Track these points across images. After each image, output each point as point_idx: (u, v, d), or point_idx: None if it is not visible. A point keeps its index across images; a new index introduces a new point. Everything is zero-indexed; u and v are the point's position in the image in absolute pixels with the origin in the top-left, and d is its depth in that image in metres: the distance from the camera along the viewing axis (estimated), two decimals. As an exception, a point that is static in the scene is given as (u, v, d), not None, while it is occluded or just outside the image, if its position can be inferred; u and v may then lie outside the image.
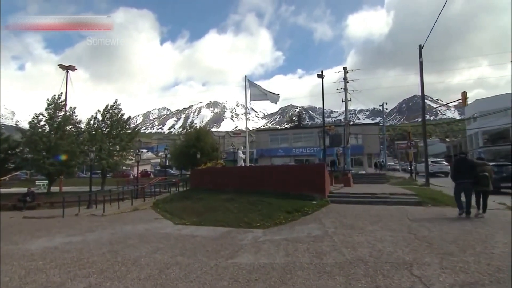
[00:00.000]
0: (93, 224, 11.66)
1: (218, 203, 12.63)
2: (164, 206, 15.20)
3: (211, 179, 16.27)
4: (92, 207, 16.49)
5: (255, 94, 21.59)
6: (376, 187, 19.42)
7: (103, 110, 24.39)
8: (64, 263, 6.25)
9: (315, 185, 11.76)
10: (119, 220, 12.45)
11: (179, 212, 12.91)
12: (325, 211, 10.70)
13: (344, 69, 35.28)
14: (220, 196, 13.46)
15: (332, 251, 6.15)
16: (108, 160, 22.90)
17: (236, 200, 12.38)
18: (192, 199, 14.55)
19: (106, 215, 13.94)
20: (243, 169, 15.57)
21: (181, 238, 8.44)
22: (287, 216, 10.33)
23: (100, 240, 8.46)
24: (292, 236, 7.86)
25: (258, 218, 10.45)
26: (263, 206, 11.31)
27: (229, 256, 6.43)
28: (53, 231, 10.22)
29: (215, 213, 11.48)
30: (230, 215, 11.04)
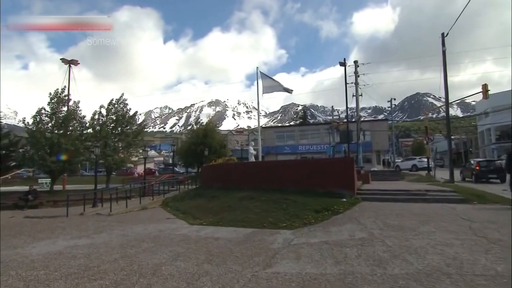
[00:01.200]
0: (100, 224, 10.66)
1: (236, 201, 11.58)
2: (175, 204, 14.20)
3: (224, 176, 15.23)
4: (98, 205, 15.51)
5: (267, 86, 20.57)
6: (397, 184, 18.35)
7: (108, 105, 23.37)
8: (70, 272, 5.23)
9: (343, 181, 10.69)
10: (127, 220, 11.44)
11: (192, 211, 11.90)
12: (358, 209, 9.62)
13: (354, 63, 34.07)
14: (236, 194, 12.42)
15: (393, 258, 5.08)
16: (113, 156, 21.88)
17: (256, 198, 11.33)
18: (205, 197, 13.52)
19: (113, 214, 12.96)
20: (261, 164, 14.50)
21: (202, 241, 7.40)
22: (316, 216, 9.27)
23: (110, 244, 7.43)
24: (332, 239, 6.79)
25: (283, 217, 9.40)
26: (287, 205, 10.26)
27: (266, 264, 5.39)
28: (56, 233, 9.20)
29: (233, 213, 10.45)
30: (251, 215, 9.99)
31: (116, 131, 22.94)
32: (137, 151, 25.89)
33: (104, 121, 22.49)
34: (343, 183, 10.65)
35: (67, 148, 19.60)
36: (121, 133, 23.02)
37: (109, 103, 23.27)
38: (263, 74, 20.79)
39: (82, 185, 26.94)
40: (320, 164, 12.21)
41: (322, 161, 13.68)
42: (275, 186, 11.83)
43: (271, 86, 20.55)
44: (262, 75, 20.69)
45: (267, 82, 20.58)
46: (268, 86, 20.54)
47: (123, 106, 23.57)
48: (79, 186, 25.60)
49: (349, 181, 10.65)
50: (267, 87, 20.51)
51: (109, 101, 23.35)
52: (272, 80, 20.93)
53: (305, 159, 24.00)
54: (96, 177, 16.75)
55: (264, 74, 20.84)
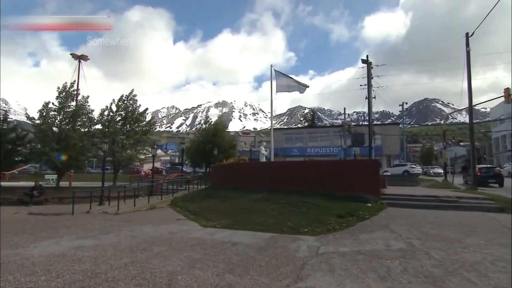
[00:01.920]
0: (107, 223, 10.05)
1: (251, 203, 10.90)
2: (185, 205, 13.55)
3: (237, 176, 14.56)
4: (104, 203, 14.95)
5: (282, 85, 19.89)
6: (414, 189, 17.51)
7: (118, 101, 22.85)
8: (74, 279, 4.59)
9: (368, 185, 9.95)
10: (136, 220, 10.82)
11: (204, 213, 11.23)
12: (386, 216, 8.87)
13: (368, 64, 33.30)
14: (250, 195, 11.74)
15: (450, 276, 4.35)
16: (121, 153, 21.32)
17: (272, 201, 10.64)
18: (217, 198, 12.86)
19: (120, 213, 12.36)
20: (277, 164, 13.78)
21: (218, 246, 6.73)
22: (340, 221, 8.54)
23: (119, 246, 6.79)
24: (366, 249, 6.07)
25: (304, 222, 8.70)
26: (307, 208, 9.55)
27: (296, 277, 4.70)
28: (60, 232, 8.60)
29: (249, 215, 9.76)
30: (269, 218, 9.30)
31: (125, 128, 22.42)
32: (145, 149, 25.35)
33: (113, 117, 21.95)
34: (368, 187, 9.90)
35: (75, 143, 19.12)
36: (130, 130, 22.50)
37: (119, 99, 22.76)
38: (278, 72, 20.12)
39: (88, 182, 26.46)
40: (343, 166, 11.43)
41: (345, 163, 12.90)
42: (293, 188, 11.13)
43: (287, 85, 19.86)
44: (277, 74, 20.04)
45: (282, 80, 19.89)
46: (283, 85, 19.86)
47: (133, 102, 23.05)
48: (86, 183, 25.12)
49: (374, 185, 9.90)
50: (282, 86, 19.82)
51: (119, 97, 22.87)
52: (289, 79, 20.19)
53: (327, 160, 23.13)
54: (104, 174, 16.20)
55: (279, 72, 20.15)
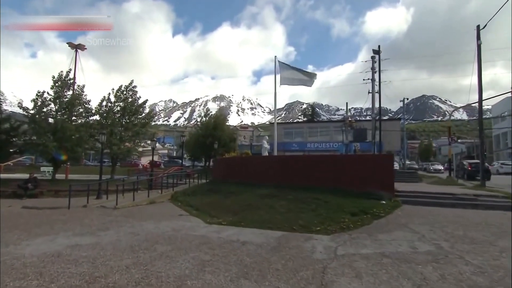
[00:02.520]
0: (106, 219, 9.50)
1: (257, 199, 10.37)
2: (186, 199, 13.02)
3: (241, 170, 14.03)
4: (102, 197, 14.40)
5: (286, 78, 19.24)
6: (418, 186, 17.03)
7: (117, 91, 22.13)
8: (70, 285, 4.06)
9: (381, 181, 9.43)
10: (136, 215, 10.28)
11: (207, 208, 10.70)
12: (402, 214, 8.37)
13: (372, 58, 32.55)
14: (256, 190, 11.21)
15: (497, 286, 3.85)
16: (119, 146, 20.66)
17: (280, 197, 10.11)
18: (220, 193, 12.32)
19: (119, 208, 11.81)
20: (285, 159, 13.20)
21: (227, 246, 6.21)
22: (354, 219, 8.04)
23: (119, 245, 6.26)
24: (390, 251, 5.57)
25: (315, 220, 8.19)
26: (318, 205, 9.04)
27: (320, 283, 4.20)
28: (56, 228, 8.05)
29: (256, 212, 9.24)
30: (277, 215, 8.79)
31: (124, 120, 21.72)
32: (144, 141, 24.75)
33: (111, 107, 21.22)
34: (381, 183, 9.39)
35: (71, 135, 18.46)
36: (129, 122, 21.81)
37: (118, 89, 22.01)
38: (283, 64, 19.47)
39: (85, 175, 25.84)
40: (354, 160, 10.87)
41: (357, 158, 12.34)
42: (302, 184, 10.61)
43: (291, 78, 19.19)
44: (281, 66, 19.39)
45: (287, 73, 19.23)
46: (287, 77, 19.21)
47: (133, 93, 22.31)
48: (83, 176, 24.51)
49: (388, 181, 9.39)
50: (286, 79, 19.18)
51: (118, 87, 22.14)
52: (295, 72, 19.47)
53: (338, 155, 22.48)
54: (102, 166, 15.61)
55: (285, 64, 19.50)
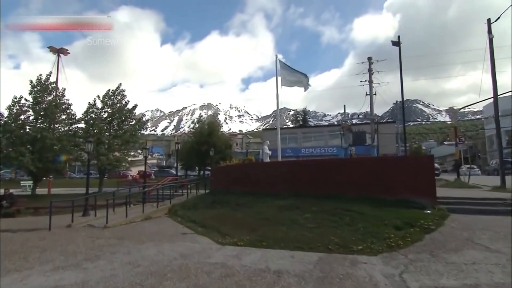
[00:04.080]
0: (94, 243, 7.83)
1: (274, 212, 8.89)
2: (187, 214, 11.42)
3: (248, 178, 12.51)
4: (90, 214, 12.62)
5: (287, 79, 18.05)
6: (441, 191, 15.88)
7: (103, 97, 20.37)
8: None
9: (421, 186, 8.09)
10: (131, 235, 8.65)
11: (214, 224, 9.16)
12: (457, 226, 7.03)
13: (368, 60, 31.93)
14: (271, 201, 9.73)
15: None
16: (108, 156, 18.79)
17: (302, 208, 8.66)
18: (227, 205, 10.79)
19: (110, 227, 10.13)
20: (303, 164, 11.71)
21: (258, 279, 4.76)
22: (400, 234, 6.65)
23: (114, 283, 4.69)
24: (485, 282, 4.18)
25: (352, 236, 6.78)
26: (351, 218, 7.62)
27: None
28: (31, 259, 6.37)
29: (277, 228, 7.76)
30: (304, 231, 7.33)
31: (112, 127, 19.89)
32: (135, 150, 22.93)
33: (98, 114, 19.31)
34: (421, 188, 8.05)
35: (52, 144, 16.57)
36: (118, 129, 19.99)
37: (105, 94, 20.16)
38: (284, 64, 18.28)
39: (70, 188, 23.78)
40: (385, 163, 9.47)
41: (389, 160, 10.94)
42: (324, 192, 9.19)
43: (292, 80, 18.09)
44: (282, 66, 18.17)
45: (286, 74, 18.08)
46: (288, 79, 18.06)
47: (121, 98, 20.59)
48: (67, 190, 22.49)
49: (429, 186, 8.05)
50: (287, 80, 18.02)
51: (105, 92, 20.26)
52: (294, 73, 18.35)
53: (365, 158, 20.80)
54: (88, 179, 13.83)
55: (285, 64, 18.31)
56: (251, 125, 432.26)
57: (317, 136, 49.24)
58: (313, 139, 49.18)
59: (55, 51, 25.43)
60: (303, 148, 47.51)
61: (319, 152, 46.47)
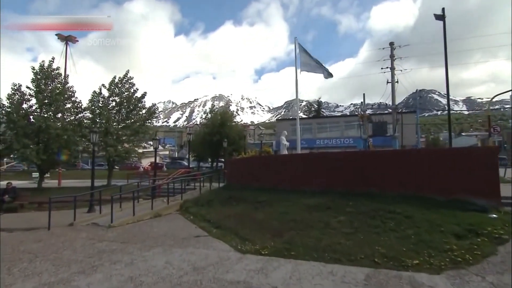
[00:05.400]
0: (94, 248, 6.77)
1: (302, 212, 7.65)
2: (200, 211, 10.31)
3: (267, 172, 11.29)
4: (95, 210, 11.67)
5: (306, 63, 16.70)
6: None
7: (110, 84, 19.10)
8: None
9: (481, 184, 6.66)
10: (137, 238, 7.58)
11: (232, 225, 7.99)
12: (537, 235, 5.66)
13: (390, 45, 30.08)
14: (297, 199, 8.50)
15: None
16: (116, 147, 17.81)
17: (335, 209, 7.40)
18: (245, 202, 9.60)
19: (115, 226, 9.12)
20: (330, 156, 10.30)
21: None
22: (464, 245, 5.34)
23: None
24: None
25: (403, 246, 5.50)
26: (397, 222, 6.33)
27: None
28: (16, 270, 5.33)
29: (307, 232, 6.53)
30: (340, 238, 6.09)
31: (120, 116, 18.86)
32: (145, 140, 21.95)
33: (105, 102, 18.27)
34: (480, 186, 6.64)
35: (58, 134, 15.65)
36: (127, 118, 18.95)
37: (111, 82, 19.08)
38: (302, 48, 16.88)
39: (81, 180, 23.07)
40: (439, 156, 7.91)
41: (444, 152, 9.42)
42: (360, 189, 7.89)
43: (310, 64, 16.78)
44: (301, 50, 16.79)
45: (307, 58, 16.74)
46: (308, 63, 16.73)
47: (129, 86, 19.59)
48: (78, 182, 21.79)
49: (491, 183, 6.64)
50: (306, 64, 16.69)
51: (111, 80, 19.20)
52: (311, 58, 17.03)
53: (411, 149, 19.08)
54: (94, 171, 12.87)
55: (303, 48, 16.91)
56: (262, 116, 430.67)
57: (333, 127, 47.56)
58: (328, 130, 47.58)
59: (63, 39, 24.55)
60: (318, 139, 45.96)
61: (335, 143, 44.92)
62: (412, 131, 43.90)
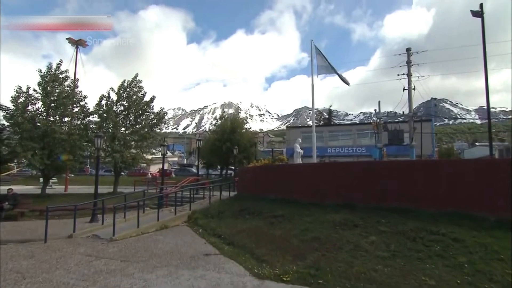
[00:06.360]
0: (92, 267, 5.96)
1: (326, 229, 6.72)
2: (210, 224, 9.45)
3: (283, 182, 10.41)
4: (97, 220, 10.91)
5: (323, 66, 15.98)
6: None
7: (119, 88, 18.63)
8: None
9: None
10: (139, 255, 6.74)
11: (246, 242, 7.11)
12: None
13: (407, 51, 29.09)
14: (320, 214, 7.58)
15: None
16: (123, 153, 17.12)
17: (364, 226, 6.47)
18: (260, 216, 8.71)
19: (117, 240, 8.30)
20: (356, 166, 9.34)
21: None
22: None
23: None
24: None
25: (456, 278, 4.54)
26: (444, 246, 5.36)
27: None
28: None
29: (334, 255, 5.61)
30: (376, 264, 5.14)
31: (128, 121, 18.24)
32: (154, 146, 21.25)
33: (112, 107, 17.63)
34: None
35: (62, 139, 15.07)
36: (135, 123, 18.30)
37: (120, 86, 18.62)
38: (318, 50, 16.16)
39: (89, 186, 22.49)
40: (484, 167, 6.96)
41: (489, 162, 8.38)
42: (389, 204, 6.94)
43: (327, 67, 16.10)
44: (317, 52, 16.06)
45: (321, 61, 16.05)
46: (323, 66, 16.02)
47: (138, 90, 19.09)
48: (85, 188, 21.22)
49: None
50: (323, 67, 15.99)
51: (120, 84, 18.73)
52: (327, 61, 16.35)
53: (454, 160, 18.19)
54: (97, 178, 12.15)
55: (320, 51, 16.18)
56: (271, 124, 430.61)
57: (345, 135, 46.43)
58: (340, 138, 46.47)
59: (74, 43, 24.24)
60: (329, 148, 44.81)
61: (347, 152, 43.80)
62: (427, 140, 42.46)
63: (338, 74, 16.03)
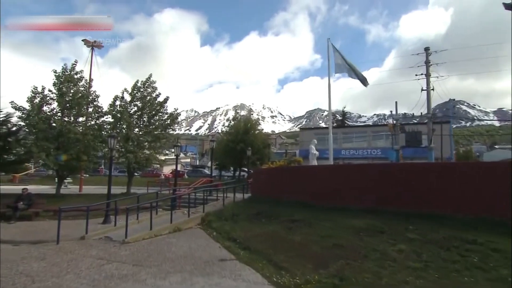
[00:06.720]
0: (102, 270, 5.73)
1: (349, 235, 6.32)
2: (224, 227, 9.14)
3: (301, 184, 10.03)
4: (110, 221, 10.76)
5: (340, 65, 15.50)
6: None
7: (132, 89, 18.68)
8: None
9: None
10: (152, 260, 6.48)
11: (263, 247, 6.75)
12: None
13: (425, 50, 28.23)
14: (341, 219, 7.17)
15: None
16: (136, 153, 17.10)
17: (390, 233, 6.04)
18: (277, 220, 8.35)
19: (129, 242, 8.08)
20: (379, 168, 8.84)
21: None
22: None
23: None
24: None
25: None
26: (483, 257, 4.89)
27: None
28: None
29: (359, 264, 5.20)
30: (406, 274, 4.71)
31: (142, 122, 18.24)
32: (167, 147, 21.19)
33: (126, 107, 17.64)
34: None
35: (77, 139, 15.13)
36: (148, 124, 18.28)
37: (133, 86, 18.67)
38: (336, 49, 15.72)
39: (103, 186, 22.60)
40: None
41: None
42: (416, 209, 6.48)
43: (344, 65, 15.64)
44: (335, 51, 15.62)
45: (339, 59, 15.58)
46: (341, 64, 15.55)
47: (152, 90, 18.99)
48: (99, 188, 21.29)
49: None
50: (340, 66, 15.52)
51: (133, 84, 18.84)
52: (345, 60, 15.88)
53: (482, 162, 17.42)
54: (110, 179, 12.05)
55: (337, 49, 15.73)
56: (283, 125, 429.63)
57: (359, 137, 45.55)
58: (354, 140, 45.60)
59: (89, 44, 24.50)
60: (343, 150, 44.01)
61: (362, 154, 42.96)
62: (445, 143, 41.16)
63: (357, 73, 15.54)
